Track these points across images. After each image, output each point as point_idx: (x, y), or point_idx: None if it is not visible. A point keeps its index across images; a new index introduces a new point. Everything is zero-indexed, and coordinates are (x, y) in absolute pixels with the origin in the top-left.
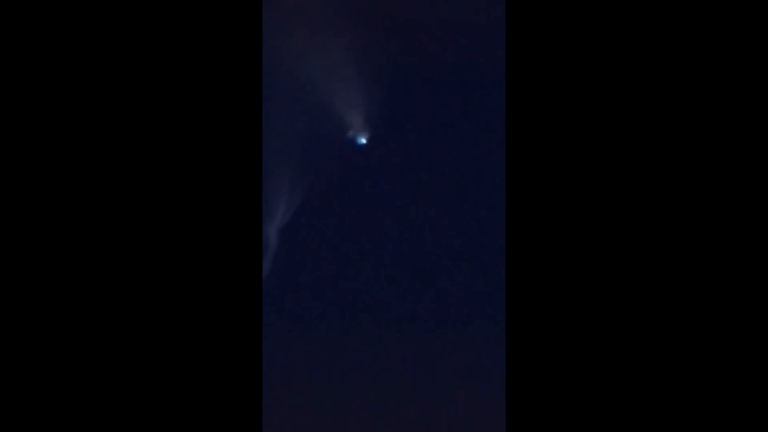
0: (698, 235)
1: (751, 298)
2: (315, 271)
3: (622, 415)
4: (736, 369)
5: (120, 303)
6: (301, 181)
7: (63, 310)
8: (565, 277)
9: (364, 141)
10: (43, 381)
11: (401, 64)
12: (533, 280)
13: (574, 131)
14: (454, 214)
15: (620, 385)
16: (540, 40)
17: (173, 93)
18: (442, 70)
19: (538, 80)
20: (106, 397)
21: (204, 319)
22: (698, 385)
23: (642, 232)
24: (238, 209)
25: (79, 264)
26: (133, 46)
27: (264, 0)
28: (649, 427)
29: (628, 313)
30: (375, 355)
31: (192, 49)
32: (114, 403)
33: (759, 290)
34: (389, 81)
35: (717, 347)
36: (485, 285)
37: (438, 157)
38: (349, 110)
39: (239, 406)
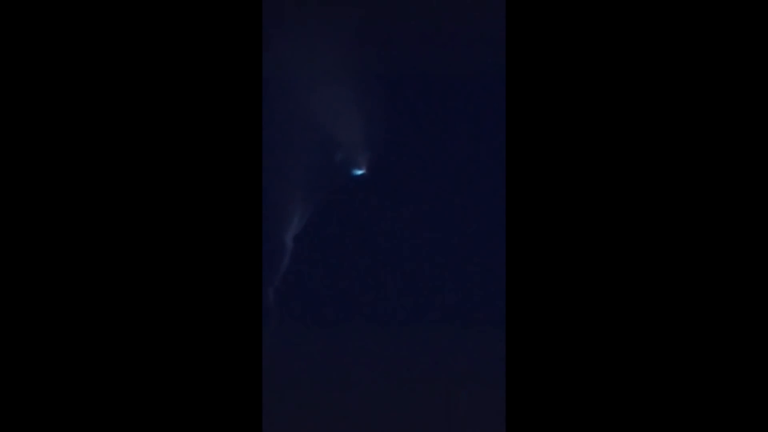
0: (695, 234)
1: (748, 298)
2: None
3: (621, 415)
4: (734, 366)
5: (121, 304)
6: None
7: (64, 310)
8: (563, 290)
9: (360, 172)
10: (45, 381)
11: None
12: (532, 287)
13: (575, 152)
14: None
15: (619, 385)
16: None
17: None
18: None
19: (538, 94)
20: (107, 396)
21: (206, 320)
22: (695, 381)
23: (639, 236)
24: (241, 216)
25: (85, 263)
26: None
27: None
28: (649, 426)
29: (627, 312)
30: (375, 353)
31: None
32: (115, 403)
33: (757, 290)
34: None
35: (714, 345)
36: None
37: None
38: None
39: (239, 405)
